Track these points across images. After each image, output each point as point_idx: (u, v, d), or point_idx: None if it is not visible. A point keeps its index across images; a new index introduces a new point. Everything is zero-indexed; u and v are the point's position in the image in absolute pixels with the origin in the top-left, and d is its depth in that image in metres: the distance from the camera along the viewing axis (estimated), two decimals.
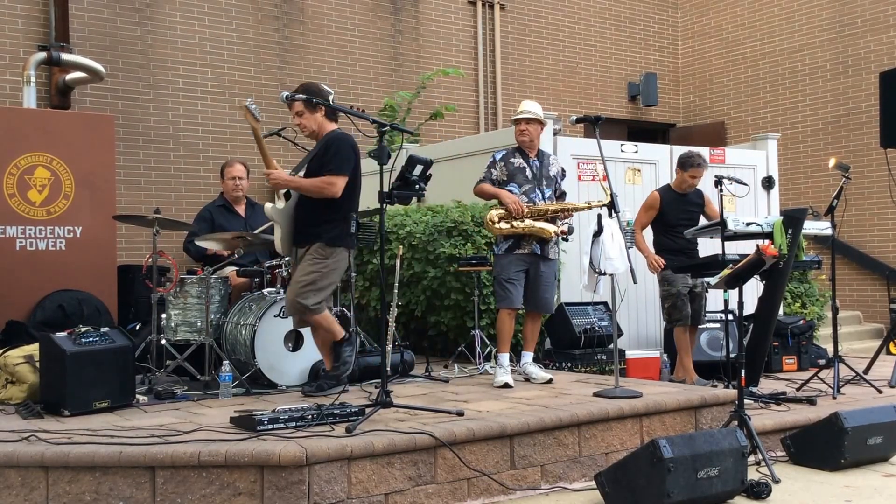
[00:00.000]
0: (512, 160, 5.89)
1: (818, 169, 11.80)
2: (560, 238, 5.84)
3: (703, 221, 6.66)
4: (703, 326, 6.94)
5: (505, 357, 5.75)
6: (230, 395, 5.26)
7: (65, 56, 8.77)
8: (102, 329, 4.95)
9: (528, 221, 5.68)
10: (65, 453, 3.83)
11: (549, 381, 5.68)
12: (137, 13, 9.65)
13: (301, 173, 5.28)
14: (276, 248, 5.41)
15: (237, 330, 5.77)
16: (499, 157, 5.94)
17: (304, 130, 5.29)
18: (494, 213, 5.74)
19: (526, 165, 5.87)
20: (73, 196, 6.61)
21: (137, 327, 6.87)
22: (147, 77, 9.54)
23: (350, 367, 5.34)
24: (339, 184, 5.10)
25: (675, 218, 6.58)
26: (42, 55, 8.66)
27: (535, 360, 6.04)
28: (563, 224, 5.85)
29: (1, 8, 8.98)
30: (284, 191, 5.28)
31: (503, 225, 5.70)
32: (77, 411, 4.60)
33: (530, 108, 5.92)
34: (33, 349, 5.04)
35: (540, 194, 5.83)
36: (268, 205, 5.33)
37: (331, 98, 4.99)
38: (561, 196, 6.04)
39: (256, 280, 6.13)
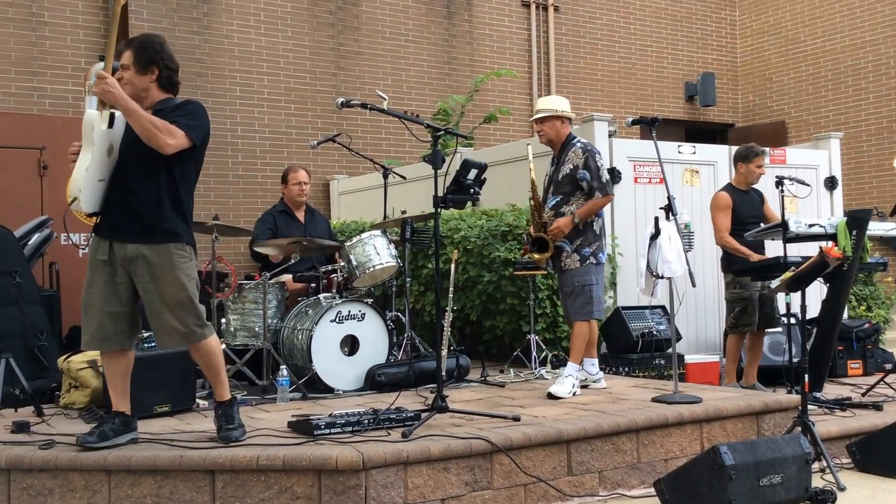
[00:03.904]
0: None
1: (883, 168, 11.47)
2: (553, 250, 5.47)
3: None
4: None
5: (570, 367, 5.52)
6: (287, 399, 5.30)
7: None
8: None
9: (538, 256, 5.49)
10: (127, 457, 3.90)
11: (559, 396, 5.21)
12: (195, 22, 9.82)
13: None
14: (83, 206, 3.91)
15: (294, 335, 5.82)
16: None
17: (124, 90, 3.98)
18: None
19: (549, 171, 5.63)
20: None
21: None
22: (205, 85, 9.69)
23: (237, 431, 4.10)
24: (179, 142, 3.93)
25: (745, 217, 6.41)
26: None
27: None
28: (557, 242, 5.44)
29: (62, 19, 9.21)
30: (108, 111, 3.87)
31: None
32: (138, 415, 4.64)
33: (542, 104, 5.59)
34: (96, 354, 5.12)
35: (545, 207, 5.56)
36: (92, 113, 3.83)
37: (385, 103, 4.99)
38: (590, 194, 5.40)
39: (312, 285, 6.18)
